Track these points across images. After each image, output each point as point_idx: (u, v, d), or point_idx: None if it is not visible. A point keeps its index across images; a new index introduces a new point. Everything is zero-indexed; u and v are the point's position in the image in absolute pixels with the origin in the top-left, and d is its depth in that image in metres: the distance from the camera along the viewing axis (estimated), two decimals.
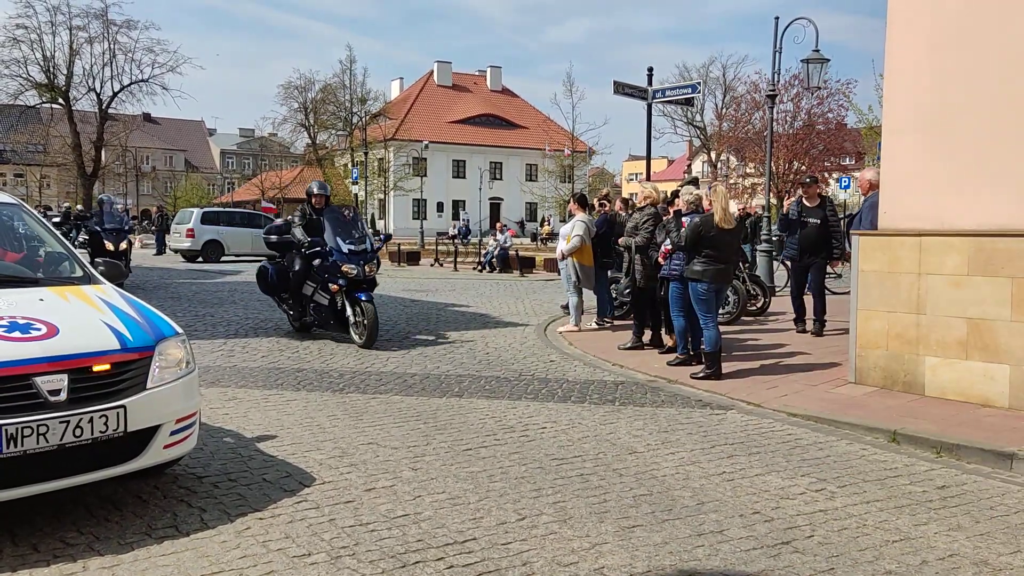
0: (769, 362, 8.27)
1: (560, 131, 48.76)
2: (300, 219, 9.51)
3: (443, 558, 3.51)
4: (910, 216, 6.82)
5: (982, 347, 6.31)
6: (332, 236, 9.10)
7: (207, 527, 3.81)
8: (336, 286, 9.00)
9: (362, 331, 8.93)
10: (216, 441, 5.21)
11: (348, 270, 8.92)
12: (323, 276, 9.17)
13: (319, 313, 9.39)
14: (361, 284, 9.03)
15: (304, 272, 9.39)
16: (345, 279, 8.95)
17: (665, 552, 3.63)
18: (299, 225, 9.43)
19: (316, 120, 55.06)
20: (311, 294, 9.41)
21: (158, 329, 4.17)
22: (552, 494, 4.35)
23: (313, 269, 9.31)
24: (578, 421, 5.96)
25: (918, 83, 6.77)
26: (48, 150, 47.52)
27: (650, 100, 15.06)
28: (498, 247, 23.97)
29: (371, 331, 8.83)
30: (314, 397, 6.61)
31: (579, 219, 10.53)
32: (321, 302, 9.27)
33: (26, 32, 38.98)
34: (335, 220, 9.34)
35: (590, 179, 60.95)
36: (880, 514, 4.16)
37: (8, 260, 4.86)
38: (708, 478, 4.69)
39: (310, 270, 9.35)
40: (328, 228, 9.18)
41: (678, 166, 67.74)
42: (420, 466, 4.79)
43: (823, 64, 14.85)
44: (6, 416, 3.43)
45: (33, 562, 3.38)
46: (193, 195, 65.15)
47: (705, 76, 54.38)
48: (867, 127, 31.84)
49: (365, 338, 8.86)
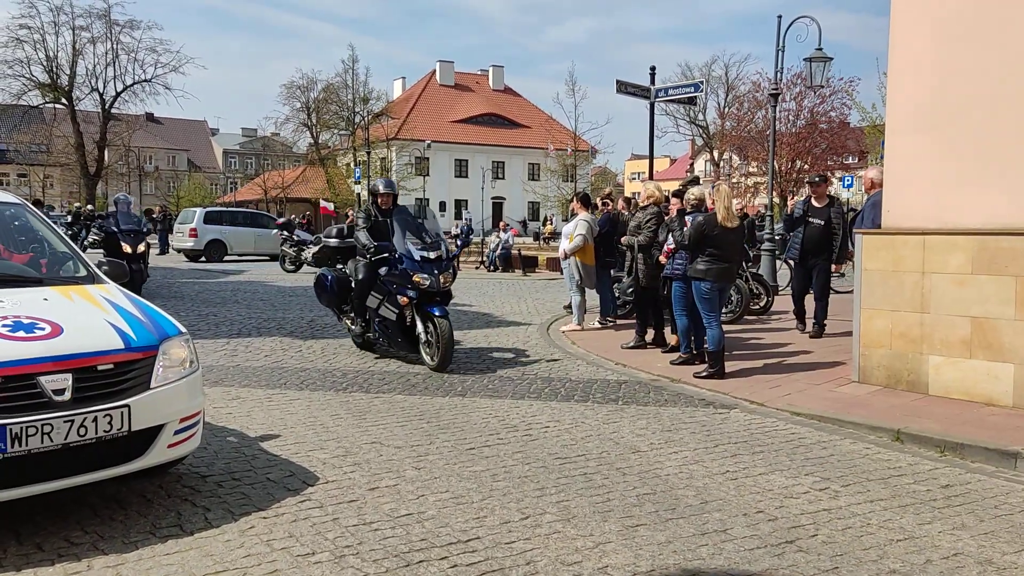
0: (772, 361, 8.26)
1: (562, 130, 48.76)
2: (364, 221, 8.26)
3: (447, 557, 3.52)
4: (913, 215, 6.81)
5: (986, 346, 6.30)
6: (402, 241, 7.89)
7: (211, 526, 3.81)
8: (406, 298, 7.78)
9: (434, 351, 7.66)
10: (220, 440, 5.21)
11: (420, 280, 7.67)
12: (391, 287, 7.95)
13: (385, 329, 8.14)
14: (434, 297, 7.81)
15: (369, 282, 8.16)
16: (416, 291, 7.72)
17: (669, 551, 3.63)
18: (364, 228, 8.16)
19: (319, 120, 55.13)
20: (376, 307, 8.14)
21: (162, 329, 4.18)
22: (556, 493, 4.35)
23: (379, 279, 8.11)
24: (581, 420, 5.96)
25: (922, 81, 6.76)
26: (51, 150, 47.65)
27: (653, 99, 15.06)
28: (500, 245, 23.97)
29: (445, 352, 7.59)
30: (317, 396, 6.62)
31: (581, 218, 10.52)
32: (388, 317, 8.01)
33: (29, 32, 39.14)
34: (406, 222, 8.15)
35: (592, 178, 60.95)
36: (884, 513, 4.16)
37: (13, 260, 4.87)
38: (712, 477, 4.69)
39: (375, 280, 8.14)
40: (397, 231, 7.99)
41: (681, 165, 67.70)
42: (423, 465, 4.80)
43: (826, 63, 14.84)
44: (11, 415, 3.44)
45: (38, 561, 3.39)
46: (196, 195, 65.21)
47: (708, 75, 54.31)
48: (870, 125, 31.82)
49: (438, 360, 7.60)
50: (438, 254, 7.87)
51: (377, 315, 8.17)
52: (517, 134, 64.46)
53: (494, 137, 63.51)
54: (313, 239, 22.03)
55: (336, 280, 8.76)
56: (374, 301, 8.16)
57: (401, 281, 7.82)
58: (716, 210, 7.40)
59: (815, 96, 35.93)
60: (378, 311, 8.13)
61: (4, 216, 5.18)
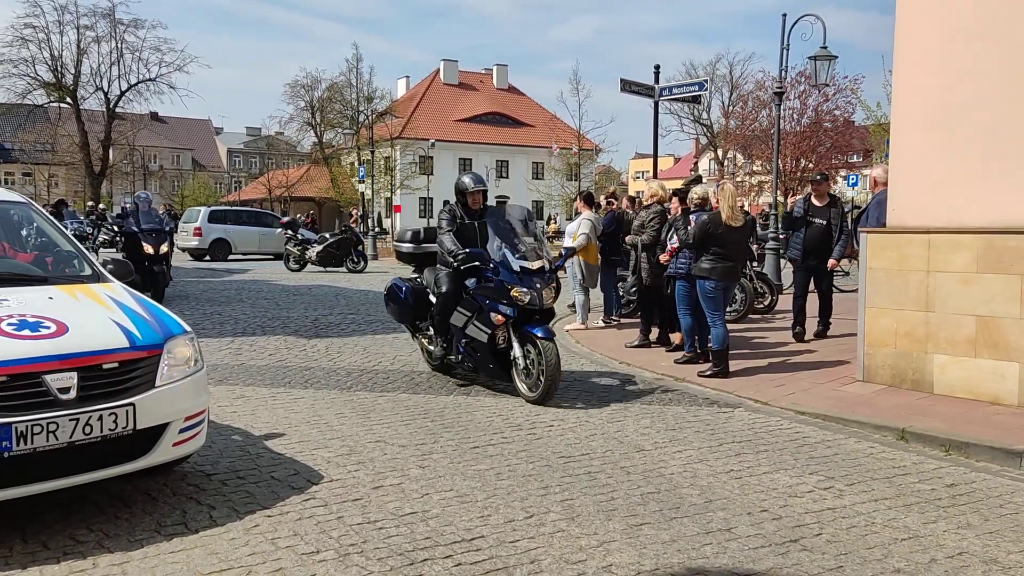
0: (776, 360, 8.25)
1: (566, 129, 48.70)
2: (449, 223, 7.02)
3: (451, 556, 3.52)
4: (919, 213, 6.79)
5: (991, 345, 6.29)
6: (498, 247, 6.71)
7: (216, 524, 3.82)
8: (501, 316, 6.53)
9: (534, 380, 6.38)
10: (224, 439, 5.22)
11: (519, 295, 6.45)
12: (481, 302, 6.71)
13: (473, 352, 6.87)
14: (534, 315, 6.58)
15: (454, 295, 6.91)
16: (514, 307, 6.49)
17: (673, 550, 3.63)
18: (449, 231, 6.94)
19: (323, 119, 55.18)
20: (463, 325, 6.88)
21: (167, 327, 4.19)
22: (560, 492, 4.35)
23: (467, 292, 6.88)
24: (585, 419, 5.96)
25: (927, 79, 6.75)
26: (56, 149, 47.81)
27: (657, 98, 15.02)
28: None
29: (550, 381, 6.26)
30: (322, 395, 6.62)
31: (585, 217, 10.53)
32: (477, 337, 6.74)
33: (34, 31, 39.30)
34: (501, 226, 6.89)
35: (596, 177, 60.90)
36: (889, 512, 4.15)
37: (18, 259, 4.88)
38: (716, 476, 4.68)
39: (462, 293, 6.92)
40: (492, 236, 6.78)
41: (685, 164, 67.63)
42: (428, 464, 4.80)
43: (831, 61, 14.81)
44: (16, 414, 3.45)
45: (43, 559, 3.40)
46: (200, 194, 65.30)
47: (712, 74, 54.29)
48: (875, 124, 31.70)
49: (540, 391, 6.31)
50: (540, 264, 6.62)
51: (463, 335, 6.91)
52: (521, 133, 64.43)
53: (498, 136, 63.48)
54: (317, 238, 22.07)
55: (412, 291, 7.53)
56: (460, 318, 6.90)
57: (495, 296, 6.59)
58: (720, 209, 7.39)
59: (819, 94, 35.86)
60: (464, 330, 6.88)
61: (9, 215, 5.20)
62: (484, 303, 6.69)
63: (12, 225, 5.20)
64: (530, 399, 6.41)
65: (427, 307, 7.39)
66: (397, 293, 7.65)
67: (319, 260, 20.99)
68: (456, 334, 7.02)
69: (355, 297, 14.48)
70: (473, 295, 6.80)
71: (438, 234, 7.07)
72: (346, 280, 18.34)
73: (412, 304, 7.52)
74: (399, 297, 7.62)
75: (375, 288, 16.35)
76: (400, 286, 7.65)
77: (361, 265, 21.23)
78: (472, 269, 6.80)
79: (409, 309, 7.58)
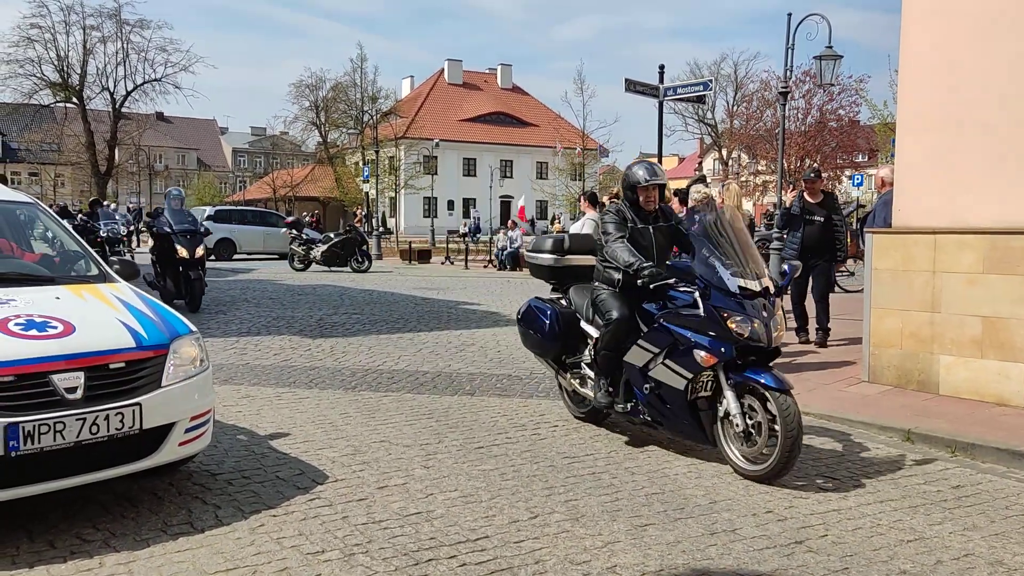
0: (782, 360, 8.19)
1: (571, 129, 48.69)
2: (618, 228, 5.24)
3: (456, 556, 3.52)
4: (924, 214, 6.78)
5: (997, 345, 6.27)
6: (703, 260, 4.94)
7: (222, 524, 3.83)
8: (711, 356, 4.73)
9: (758, 450, 4.62)
10: (230, 439, 5.24)
11: (738, 328, 4.69)
12: (677, 333, 4.89)
13: (659, 402, 5.02)
14: (755, 355, 4.80)
15: (628, 323, 5.16)
16: (730, 344, 4.71)
17: (677, 551, 3.63)
18: (620, 238, 5.18)
19: (327, 118, 55.27)
20: (643, 365, 5.08)
21: (172, 327, 4.21)
22: (564, 492, 4.35)
23: (653, 321, 5.08)
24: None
25: (933, 79, 6.73)
26: (62, 149, 47.93)
27: (662, 98, 15.00)
28: (508, 244, 23.99)
29: (786, 454, 4.46)
30: (327, 395, 6.64)
31: (588, 217, 10.51)
32: (668, 383, 4.92)
33: (40, 32, 39.42)
34: (714, 235, 5.00)
35: (600, 177, 60.87)
36: (894, 514, 4.14)
37: (25, 259, 4.90)
38: (721, 477, 4.68)
39: (637, 320, 5.19)
40: (701, 243, 5.02)
41: (689, 164, 67.53)
42: (432, 464, 4.81)
43: (836, 60, 14.76)
44: (23, 413, 3.47)
45: (50, 558, 3.42)
46: (205, 193, 65.42)
47: (716, 73, 54.23)
48: (881, 123, 31.67)
49: (769, 465, 4.52)
50: (764, 284, 4.84)
51: (645, 378, 5.07)
52: (525, 133, 64.44)
53: (502, 136, 63.50)
54: (321, 238, 22.11)
55: (560, 317, 5.81)
56: (640, 355, 5.10)
57: (700, 326, 4.79)
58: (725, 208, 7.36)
59: (824, 94, 35.81)
60: (648, 372, 5.05)
61: (16, 215, 5.22)
62: (681, 335, 4.86)
63: (19, 225, 5.22)
64: (750, 473, 4.62)
65: (579, 338, 5.77)
66: (539, 318, 5.90)
67: (324, 260, 21.04)
68: (632, 376, 5.20)
69: (360, 297, 14.50)
70: (663, 324, 4.99)
71: (603, 242, 5.31)
72: (351, 280, 18.37)
73: (561, 333, 5.78)
74: (542, 324, 5.87)
75: (380, 288, 16.38)
76: (543, 309, 5.92)
77: (365, 265, 21.27)
78: (660, 289, 5.07)
79: (556, 340, 5.82)
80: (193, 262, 11.50)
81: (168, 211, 11.92)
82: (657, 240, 5.39)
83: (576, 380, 5.83)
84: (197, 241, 11.66)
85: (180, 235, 11.51)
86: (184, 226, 11.64)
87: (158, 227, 11.91)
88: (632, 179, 5.37)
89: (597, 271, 5.51)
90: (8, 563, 3.36)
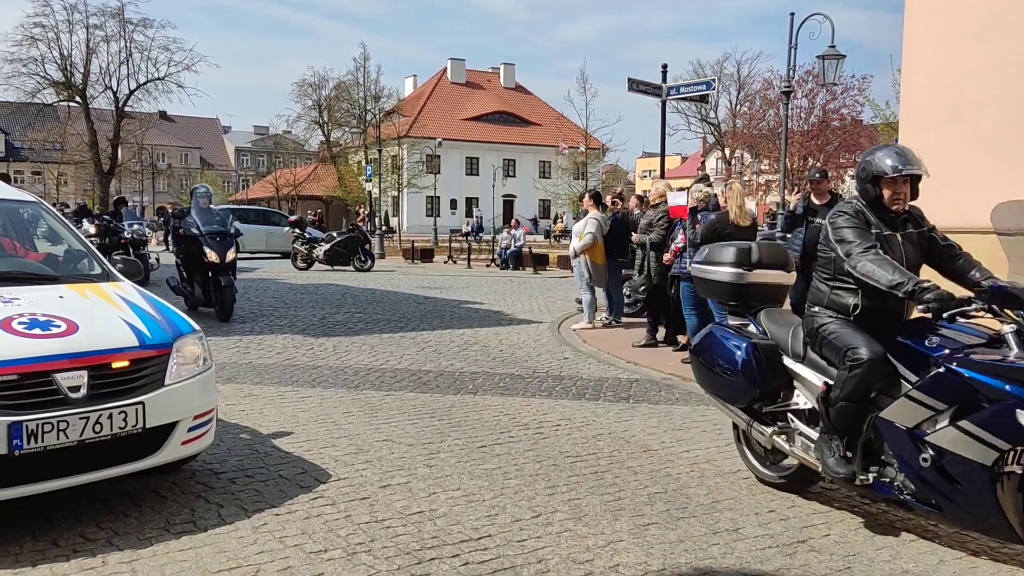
0: None
1: (574, 128, 48.72)
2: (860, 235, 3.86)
3: (458, 555, 3.53)
4: (927, 213, 6.74)
5: None
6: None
7: (224, 523, 3.84)
8: None
9: None
10: (233, 437, 5.24)
11: None
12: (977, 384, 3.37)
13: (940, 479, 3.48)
14: None
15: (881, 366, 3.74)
16: None
17: (680, 550, 3.63)
18: (871, 248, 3.79)
19: (330, 117, 55.27)
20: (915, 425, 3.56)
21: (176, 326, 4.21)
22: (567, 492, 4.35)
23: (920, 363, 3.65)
24: (592, 419, 5.96)
25: (936, 78, 6.72)
26: (65, 148, 47.96)
27: (664, 97, 14.98)
28: (512, 242, 23.99)
29: None
30: (329, 394, 6.64)
31: (591, 216, 10.52)
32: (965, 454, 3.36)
33: (43, 31, 39.40)
34: None
35: (603, 176, 60.83)
36: (897, 513, 4.13)
37: (29, 258, 4.91)
38: (723, 476, 4.68)
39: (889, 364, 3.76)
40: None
41: (692, 163, 67.45)
42: (435, 463, 4.81)
43: (839, 60, 14.76)
44: (27, 412, 3.47)
45: (53, 557, 3.42)
46: None
47: (719, 73, 54.11)
48: (884, 123, 31.61)
49: None
50: None
51: (918, 444, 3.54)
52: (528, 132, 64.42)
53: (505, 135, 63.49)
54: (324, 237, 22.11)
55: (758, 351, 4.33)
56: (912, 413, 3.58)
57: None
58: (728, 208, 7.38)
59: (827, 93, 35.76)
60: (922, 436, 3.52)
61: (20, 214, 5.23)
62: (990, 388, 3.33)
63: (23, 224, 5.23)
64: None
65: (782, 379, 4.34)
66: (727, 351, 4.46)
67: (326, 259, 21.04)
68: (891, 440, 3.69)
69: (362, 296, 14.51)
70: (951, 369, 3.47)
71: (840, 254, 3.86)
72: (353, 279, 18.38)
73: (760, 373, 4.32)
74: (733, 360, 4.41)
75: (382, 287, 16.39)
76: (733, 340, 4.48)
77: (368, 264, 21.28)
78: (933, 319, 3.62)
79: (754, 383, 4.35)
80: (224, 267, 10.31)
81: (195, 210, 10.69)
82: (907, 252, 3.98)
83: (781, 437, 4.31)
84: (228, 244, 10.45)
85: (209, 237, 10.31)
86: (213, 227, 10.43)
87: (184, 228, 10.77)
88: (875, 169, 3.92)
89: (816, 293, 4.11)
90: (11, 561, 3.37)
